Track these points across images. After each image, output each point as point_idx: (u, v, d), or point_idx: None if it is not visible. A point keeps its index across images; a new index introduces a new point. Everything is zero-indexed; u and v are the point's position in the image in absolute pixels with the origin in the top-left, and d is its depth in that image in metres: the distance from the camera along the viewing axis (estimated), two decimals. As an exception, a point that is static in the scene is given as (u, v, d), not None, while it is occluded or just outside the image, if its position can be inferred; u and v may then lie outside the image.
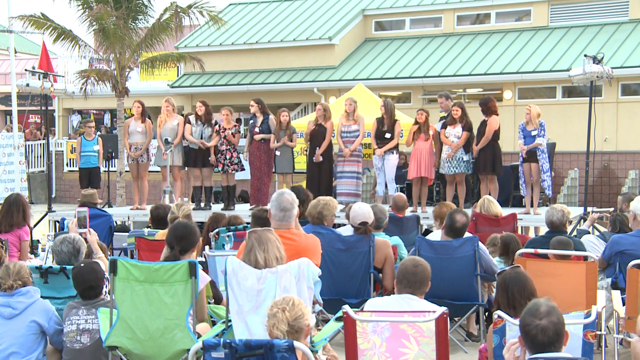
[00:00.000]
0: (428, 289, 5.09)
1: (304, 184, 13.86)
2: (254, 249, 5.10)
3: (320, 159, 12.84)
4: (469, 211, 11.42)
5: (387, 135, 12.55)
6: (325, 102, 15.49)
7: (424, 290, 5.05)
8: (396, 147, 12.78)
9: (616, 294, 6.71)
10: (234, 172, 13.24)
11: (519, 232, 10.78)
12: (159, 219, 9.03)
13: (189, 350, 4.69)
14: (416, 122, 12.41)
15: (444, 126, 12.45)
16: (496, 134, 12.10)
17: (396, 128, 12.63)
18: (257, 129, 13.05)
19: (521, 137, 11.85)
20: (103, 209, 11.62)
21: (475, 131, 12.35)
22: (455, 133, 12.18)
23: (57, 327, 5.68)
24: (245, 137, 13.46)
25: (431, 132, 12.34)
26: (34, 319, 5.60)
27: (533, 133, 11.68)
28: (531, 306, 3.84)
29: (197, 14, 18.39)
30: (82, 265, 5.83)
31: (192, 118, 13.39)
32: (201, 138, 13.17)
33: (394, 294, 7.40)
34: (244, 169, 13.47)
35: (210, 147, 13.12)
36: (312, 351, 4.28)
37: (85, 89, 18.75)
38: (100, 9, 17.78)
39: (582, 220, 11.72)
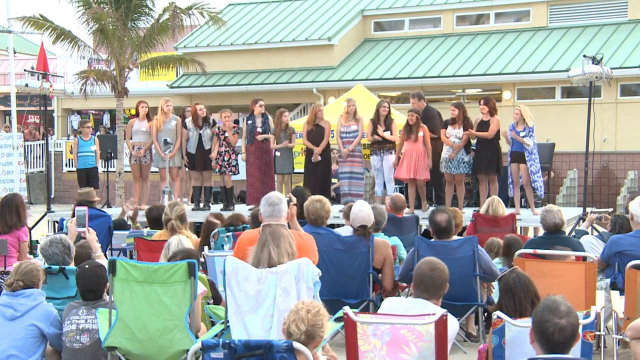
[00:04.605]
0: (446, 291, 5.01)
1: (302, 185, 13.84)
2: (268, 243, 5.11)
3: (319, 158, 12.84)
4: (469, 210, 11.47)
5: (387, 133, 12.56)
6: (319, 103, 15.44)
7: (441, 294, 4.95)
8: (394, 147, 12.76)
9: (615, 295, 6.72)
10: (230, 174, 13.24)
11: (518, 232, 10.79)
12: (154, 220, 9.04)
13: (188, 350, 4.69)
14: (407, 124, 12.36)
15: (445, 126, 12.43)
16: (498, 134, 12.11)
17: (393, 127, 12.63)
18: (258, 130, 13.05)
19: (509, 136, 11.97)
20: (102, 209, 11.61)
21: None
22: (455, 133, 12.18)
23: (58, 331, 5.66)
24: (241, 137, 13.39)
25: (421, 134, 12.23)
26: (33, 322, 5.58)
27: (522, 134, 11.74)
28: (550, 303, 3.73)
29: (197, 14, 18.39)
30: (86, 266, 5.83)
31: (188, 122, 13.36)
32: (200, 140, 13.18)
33: (392, 295, 7.44)
34: (238, 173, 13.47)
35: (213, 150, 13.11)
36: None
37: (85, 89, 18.73)
38: (98, 9, 17.77)
39: (581, 221, 11.72)
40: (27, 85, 13.57)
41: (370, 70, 23.42)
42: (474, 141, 12.30)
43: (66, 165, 25.99)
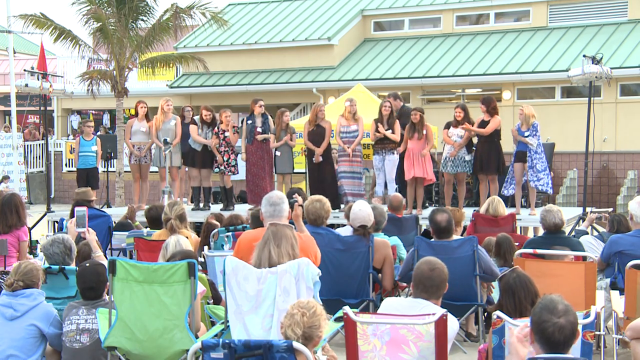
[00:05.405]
0: (446, 291, 5.01)
1: (303, 185, 13.85)
2: (269, 242, 5.11)
3: (320, 159, 12.84)
4: (469, 210, 11.47)
5: (389, 131, 12.57)
6: (320, 103, 15.44)
7: (440, 294, 4.94)
8: (396, 147, 12.77)
9: (615, 295, 6.72)
10: (230, 174, 13.25)
11: (518, 232, 10.78)
12: (153, 219, 9.04)
13: (188, 350, 4.69)
14: (411, 122, 12.38)
15: (447, 127, 12.44)
16: (498, 134, 12.11)
17: (396, 127, 12.64)
18: (258, 130, 13.06)
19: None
20: (102, 209, 11.62)
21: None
22: (458, 133, 12.20)
23: (58, 331, 5.65)
24: (241, 137, 13.40)
25: (425, 132, 12.26)
26: (33, 322, 5.57)
27: (526, 134, 11.75)
28: (547, 303, 3.71)
29: (199, 14, 18.39)
30: (87, 264, 5.83)
31: (196, 119, 13.43)
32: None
33: (392, 295, 7.44)
34: (238, 172, 13.48)
35: (213, 147, 13.13)
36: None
37: (92, 89, 18.70)
38: (97, 10, 17.76)
39: (580, 221, 11.72)
40: (27, 85, 13.58)
41: (370, 70, 23.42)
42: (475, 140, 12.30)
43: (66, 165, 25.99)
